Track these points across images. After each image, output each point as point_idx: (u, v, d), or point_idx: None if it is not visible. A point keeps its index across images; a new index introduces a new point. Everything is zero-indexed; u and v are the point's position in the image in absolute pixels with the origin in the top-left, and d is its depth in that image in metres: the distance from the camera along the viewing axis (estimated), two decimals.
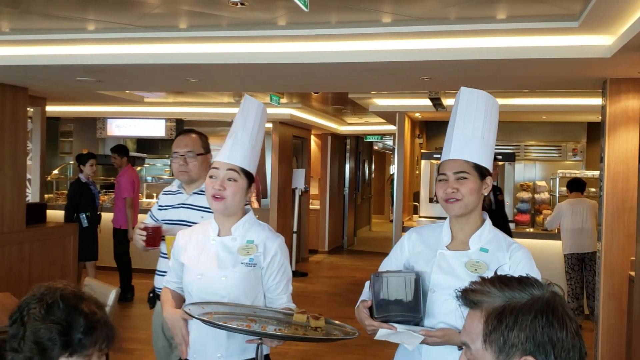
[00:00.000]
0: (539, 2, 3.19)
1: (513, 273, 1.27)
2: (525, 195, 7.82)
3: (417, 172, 8.20)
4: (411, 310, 1.92)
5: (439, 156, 2.12)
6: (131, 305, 6.93)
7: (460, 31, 3.71)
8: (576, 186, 6.56)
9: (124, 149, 7.32)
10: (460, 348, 1.62)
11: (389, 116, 8.07)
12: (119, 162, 7.23)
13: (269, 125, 8.92)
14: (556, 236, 6.66)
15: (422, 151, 8.33)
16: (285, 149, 9.50)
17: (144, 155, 9.94)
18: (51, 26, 4.04)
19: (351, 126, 11.68)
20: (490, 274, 1.29)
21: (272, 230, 2.31)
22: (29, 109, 6.09)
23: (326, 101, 8.74)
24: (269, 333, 1.97)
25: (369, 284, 2.06)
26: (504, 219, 5.65)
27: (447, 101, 6.38)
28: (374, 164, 16.14)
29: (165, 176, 9.65)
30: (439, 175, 2.04)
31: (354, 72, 4.61)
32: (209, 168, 2.28)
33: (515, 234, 6.26)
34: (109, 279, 5.77)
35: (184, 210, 2.95)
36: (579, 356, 1.16)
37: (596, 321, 4.68)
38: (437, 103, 6.31)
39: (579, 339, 1.17)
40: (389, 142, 14.33)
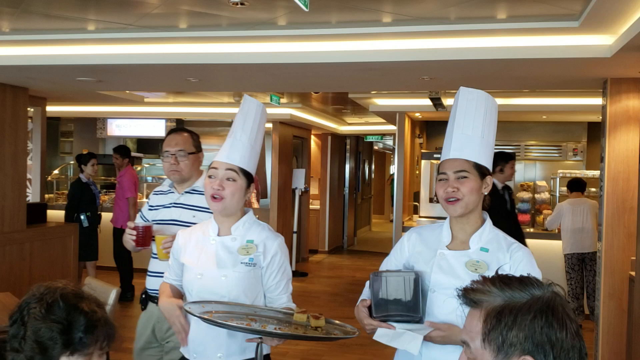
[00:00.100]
0: (539, 1, 3.19)
1: (514, 273, 1.27)
2: (525, 195, 7.82)
3: (417, 172, 8.19)
4: (410, 310, 1.92)
5: (439, 156, 2.12)
6: (131, 305, 6.93)
7: (461, 31, 3.71)
8: (576, 186, 6.56)
9: (126, 150, 7.32)
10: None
11: (389, 116, 8.06)
12: (120, 162, 7.23)
13: (269, 125, 8.92)
14: (556, 236, 6.65)
15: (422, 151, 8.33)
16: (286, 149, 9.50)
17: (141, 155, 9.94)
18: (51, 26, 4.04)
19: (351, 126, 11.67)
20: (490, 273, 1.29)
21: (271, 230, 2.31)
22: (29, 109, 6.09)
23: (326, 101, 8.74)
24: (269, 331, 1.97)
25: (369, 283, 2.06)
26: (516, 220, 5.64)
27: (447, 101, 6.38)
28: (374, 164, 16.14)
29: (165, 176, 9.64)
30: (439, 174, 2.03)
31: (354, 72, 4.61)
32: (209, 167, 2.28)
33: None
34: (109, 279, 5.77)
35: (175, 210, 2.91)
36: (579, 356, 1.16)
37: (596, 321, 4.68)
38: (437, 103, 6.31)
39: (579, 339, 1.16)
40: (389, 142, 14.33)
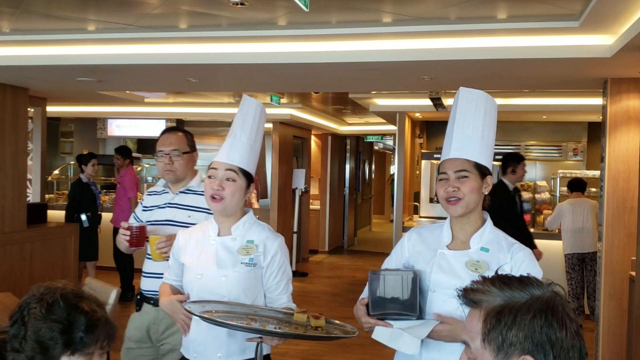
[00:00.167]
0: (539, 1, 3.19)
1: (516, 273, 1.27)
2: (525, 195, 7.80)
3: (418, 172, 8.19)
4: (407, 309, 1.91)
5: (439, 156, 2.12)
6: (131, 305, 6.88)
7: (461, 31, 3.71)
8: (577, 186, 6.56)
9: (127, 150, 7.32)
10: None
11: (389, 116, 8.06)
12: (121, 162, 7.24)
13: (269, 125, 8.92)
14: (557, 236, 6.65)
15: (423, 151, 8.33)
16: (286, 149, 9.50)
17: (139, 155, 9.95)
18: (51, 26, 4.04)
19: (351, 126, 11.67)
20: (490, 273, 1.29)
21: (272, 230, 2.31)
22: (29, 109, 6.09)
23: (326, 101, 8.74)
24: (268, 330, 1.97)
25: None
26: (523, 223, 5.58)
27: (447, 101, 6.38)
28: (374, 164, 16.14)
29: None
30: (440, 174, 2.03)
31: (355, 72, 4.61)
32: (208, 168, 2.28)
33: None
34: (109, 279, 5.77)
35: (170, 210, 2.87)
36: (579, 356, 1.16)
37: (597, 321, 4.68)
38: (437, 103, 6.31)
39: (579, 339, 1.16)
40: (389, 142, 14.33)
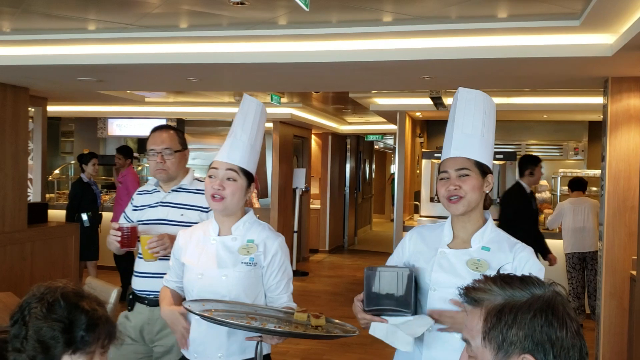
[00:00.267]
0: (539, 1, 3.18)
1: (519, 273, 1.28)
2: None
3: (418, 172, 8.19)
4: (401, 305, 1.92)
5: (439, 155, 2.13)
6: None
7: (461, 30, 3.70)
8: (577, 185, 6.56)
9: (128, 150, 7.33)
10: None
11: (389, 115, 8.06)
12: (122, 162, 7.24)
13: (270, 124, 8.92)
14: (557, 235, 6.65)
15: (423, 150, 8.33)
16: (286, 149, 9.50)
17: (137, 155, 9.97)
18: (52, 26, 4.04)
19: (352, 125, 11.67)
20: (491, 272, 1.29)
21: (272, 229, 2.31)
22: (30, 108, 6.10)
23: (327, 100, 8.74)
24: (268, 329, 1.98)
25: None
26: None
27: (448, 100, 6.37)
28: (374, 163, 16.14)
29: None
30: (440, 173, 2.03)
31: (355, 72, 4.61)
32: (209, 167, 2.28)
33: None
34: (109, 279, 5.76)
35: (162, 209, 2.83)
36: (579, 356, 1.16)
37: (597, 320, 4.68)
38: (438, 102, 6.31)
39: (579, 338, 1.17)
40: (389, 141, 14.31)
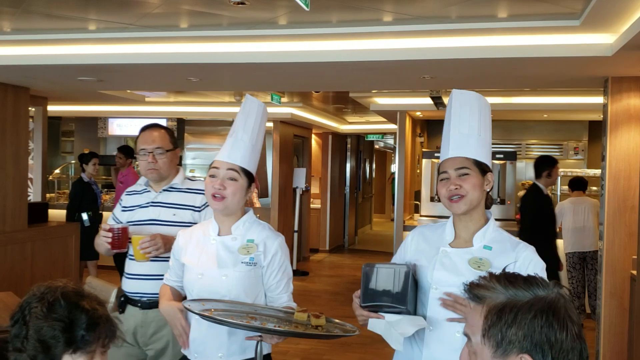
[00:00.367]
0: (539, 0, 3.18)
1: (524, 272, 1.28)
2: None
3: (418, 171, 8.19)
4: (396, 301, 1.92)
5: (440, 155, 2.13)
6: None
7: (461, 30, 3.70)
8: (578, 185, 6.55)
9: (129, 150, 7.34)
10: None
11: (389, 115, 8.06)
12: (123, 162, 7.26)
13: (270, 124, 8.92)
14: (557, 235, 6.64)
15: (423, 150, 8.33)
16: (286, 148, 9.50)
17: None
18: (52, 26, 4.04)
19: (352, 125, 11.67)
20: (493, 271, 1.30)
21: (272, 229, 2.31)
22: (30, 108, 6.10)
23: (327, 100, 8.74)
24: (268, 328, 1.98)
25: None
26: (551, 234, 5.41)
27: (448, 100, 6.37)
28: (374, 162, 16.14)
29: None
30: (440, 174, 2.04)
31: (355, 71, 4.61)
32: (209, 167, 2.28)
33: (516, 233, 6.25)
34: (110, 278, 5.75)
35: (153, 209, 2.80)
36: (579, 358, 1.16)
37: (598, 320, 4.68)
38: (438, 102, 6.32)
39: (580, 341, 1.17)
40: (390, 141, 14.33)
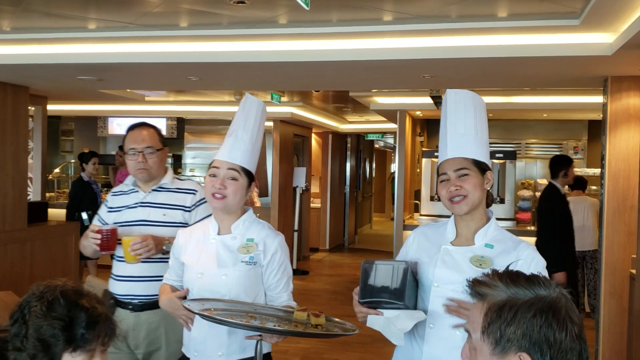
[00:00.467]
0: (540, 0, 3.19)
1: (526, 271, 1.29)
2: (526, 193, 7.81)
3: (418, 170, 8.19)
4: (394, 297, 1.92)
5: (438, 156, 2.13)
6: None
7: (461, 29, 3.71)
8: (577, 184, 6.54)
9: None
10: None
11: (389, 114, 8.06)
12: (122, 160, 7.23)
13: (270, 123, 8.92)
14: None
15: (423, 149, 8.33)
16: (286, 148, 9.50)
17: None
18: (52, 25, 4.04)
19: (352, 124, 11.67)
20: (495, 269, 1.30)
21: (271, 228, 2.32)
22: (30, 107, 6.09)
23: (327, 99, 8.74)
24: (267, 327, 1.98)
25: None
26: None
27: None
28: (374, 162, 16.15)
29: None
30: (440, 175, 2.04)
31: (355, 71, 4.61)
32: (209, 166, 2.28)
33: (517, 232, 6.23)
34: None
35: (142, 210, 2.76)
36: (578, 359, 1.17)
37: (597, 319, 4.69)
38: (438, 101, 6.31)
39: (579, 342, 1.17)
40: (389, 140, 14.32)
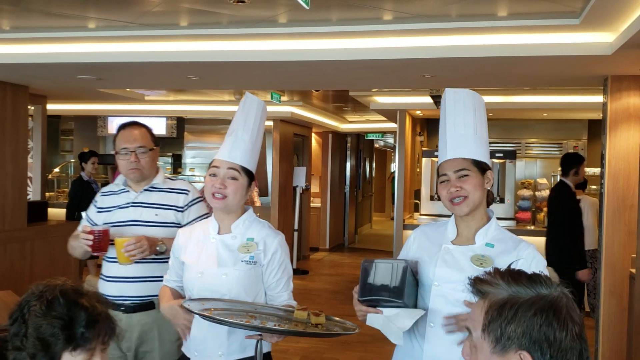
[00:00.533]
0: None
1: (527, 270, 1.29)
2: (526, 192, 7.81)
3: (418, 170, 8.19)
4: (393, 296, 1.92)
5: (438, 156, 2.13)
6: None
7: (461, 28, 3.71)
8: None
9: None
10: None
11: (389, 114, 8.06)
12: None
13: (270, 123, 8.92)
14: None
15: (423, 149, 8.32)
16: (286, 147, 9.50)
17: None
18: (52, 24, 4.04)
19: (352, 124, 11.67)
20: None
21: (272, 227, 2.31)
22: (29, 107, 6.09)
23: (327, 99, 8.73)
24: (267, 327, 1.98)
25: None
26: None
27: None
28: (374, 161, 16.14)
29: (165, 174, 9.62)
30: (440, 176, 2.04)
31: (355, 70, 4.61)
32: (209, 165, 2.27)
33: (517, 232, 6.23)
34: None
35: (134, 210, 2.73)
36: (578, 358, 1.17)
37: (597, 318, 4.69)
38: (438, 100, 6.31)
39: (580, 341, 1.17)
40: (389, 139, 14.32)
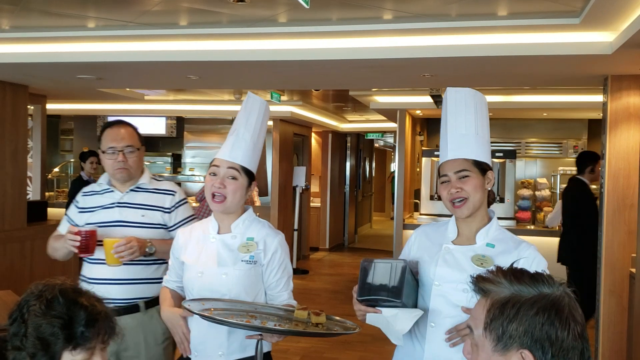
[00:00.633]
0: None
1: (528, 269, 1.29)
2: (526, 192, 7.81)
3: (418, 170, 8.19)
4: (392, 295, 1.92)
5: (439, 155, 2.12)
6: None
7: (462, 28, 3.70)
8: None
9: None
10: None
11: (389, 113, 8.05)
12: None
13: (270, 122, 8.92)
14: (557, 233, 6.64)
15: (423, 148, 8.32)
16: (286, 147, 9.50)
17: None
18: (51, 24, 4.04)
19: (352, 123, 11.67)
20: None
21: (272, 227, 2.31)
22: (29, 106, 6.09)
23: (327, 98, 8.73)
24: (268, 327, 1.97)
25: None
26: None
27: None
28: (374, 161, 16.14)
29: (165, 174, 9.65)
30: (441, 177, 2.03)
31: (355, 69, 4.61)
32: (210, 165, 2.27)
33: (517, 231, 6.24)
34: None
35: (119, 210, 2.69)
36: (579, 358, 1.17)
37: (597, 318, 4.69)
38: (438, 100, 6.31)
39: (582, 341, 1.17)
40: (389, 139, 14.32)
